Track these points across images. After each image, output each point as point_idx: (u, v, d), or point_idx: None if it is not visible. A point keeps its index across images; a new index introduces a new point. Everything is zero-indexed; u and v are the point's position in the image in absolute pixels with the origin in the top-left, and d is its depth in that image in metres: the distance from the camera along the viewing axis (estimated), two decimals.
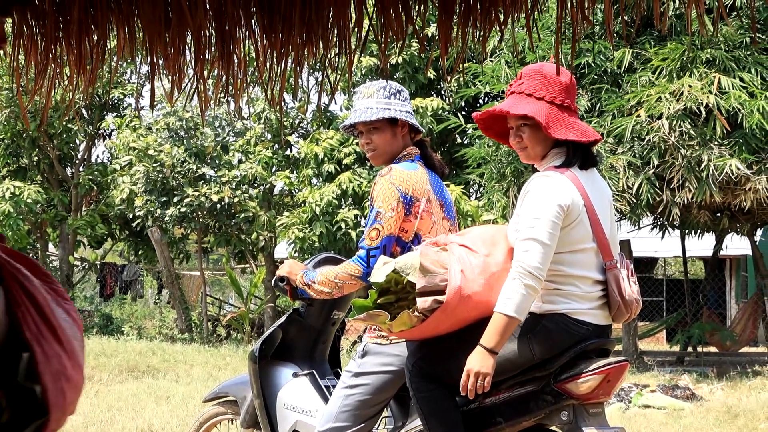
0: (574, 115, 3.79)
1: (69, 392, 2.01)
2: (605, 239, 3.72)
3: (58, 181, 22.04)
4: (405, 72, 17.37)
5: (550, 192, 3.64)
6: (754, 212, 14.17)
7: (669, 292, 24.66)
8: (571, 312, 3.65)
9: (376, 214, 4.04)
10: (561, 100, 3.76)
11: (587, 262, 3.70)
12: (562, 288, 3.66)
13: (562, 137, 3.74)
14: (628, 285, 3.71)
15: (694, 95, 11.70)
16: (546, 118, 3.73)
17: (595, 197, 3.75)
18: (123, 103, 22.10)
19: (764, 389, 11.58)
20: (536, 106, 3.76)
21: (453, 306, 3.57)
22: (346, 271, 4.04)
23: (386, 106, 4.21)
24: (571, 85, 3.81)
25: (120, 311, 23.92)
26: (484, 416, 3.79)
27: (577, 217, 3.67)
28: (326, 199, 16.52)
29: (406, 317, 3.57)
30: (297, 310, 4.63)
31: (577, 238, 3.67)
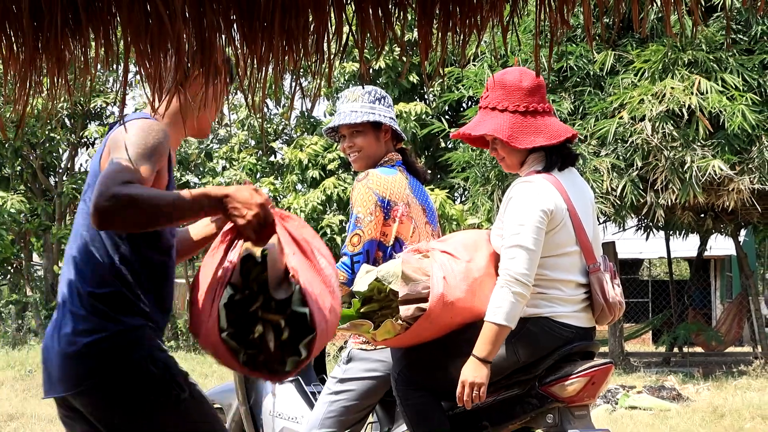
0: (544, 116, 3.77)
1: (329, 317, 2.80)
2: (588, 242, 3.73)
3: (42, 190, 21.96)
4: (388, 77, 17.39)
5: (533, 198, 3.64)
6: (738, 212, 14.23)
7: (654, 293, 24.73)
8: (554, 315, 3.66)
9: (356, 220, 4.05)
10: (525, 106, 3.75)
11: (570, 265, 3.70)
12: (546, 292, 3.67)
13: (529, 146, 3.74)
14: (612, 288, 3.72)
15: (677, 97, 11.74)
16: (509, 131, 3.73)
17: (578, 200, 3.76)
18: (106, 111, 22.04)
19: (750, 389, 11.62)
20: (498, 120, 3.77)
21: (436, 313, 3.57)
22: None
23: (371, 110, 4.23)
24: (536, 87, 3.78)
25: None
26: (470, 420, 3.80)
27: (561, 221, 3.67)
28: (311, 205, 16.53)
29: (389, 326, 3.56)
30: None
31: (561, 242, 3.68)
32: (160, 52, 2.60)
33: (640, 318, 23.88)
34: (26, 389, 11.75)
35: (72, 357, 2.83)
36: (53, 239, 21.56)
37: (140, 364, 2.83)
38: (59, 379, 2.86)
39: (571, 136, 3.78)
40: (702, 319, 18.68)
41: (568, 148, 3.83)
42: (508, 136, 3.74)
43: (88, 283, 2.92)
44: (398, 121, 16.70)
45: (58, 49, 2.69)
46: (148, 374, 2.82)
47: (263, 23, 2.51)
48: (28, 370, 13.51)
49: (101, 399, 2.84)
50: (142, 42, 2.55)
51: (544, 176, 3.70)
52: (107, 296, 2.87)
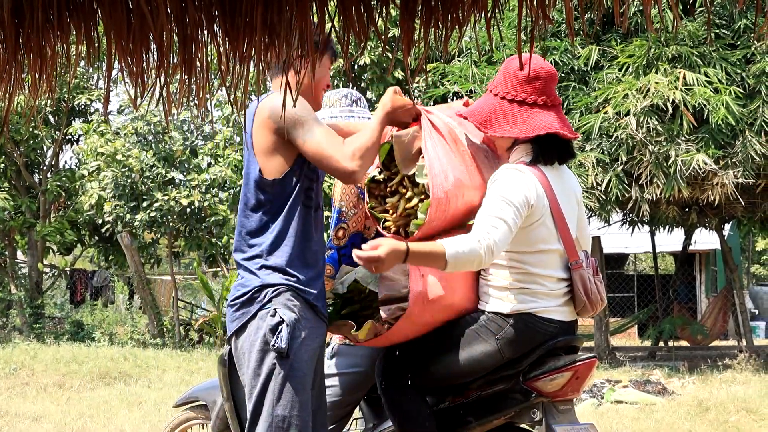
0: (533, 108, 3.73)
1: (451, 188, 3.63)
2: (571, 239, 3.72)
3: (26, 187, 21.87)
4: (374, 73, 17.38)
5: (520, 183, 3.63)
6: (722, 207, 14.28)
7: (640, 288, 24.79)
8: (538, 311, 3.65)
9: (339, 214, 4.06)
10: (513, 95, 3.73)
11: (551, 262, 3.69)
12: (527, 287, 3.66)
13: (500, 134, 3.74)
14: (594, 284, 3.71)
15: (661, 91, 11.77)
16: (486, 116, 3.74)
17: (563, 196, 3.75)
18: (90, 108, 21.96)
19: (735, 382, 11.67)
20: (485, 103, 3.78)
21: (417, 313, 3.56)
22: None
23: (350, 114, 4.28)
24: (534, 78, 3.73)
25: (91, 317, 23.75)
26: (454, 416, 3.80)
27: (540, 217, 3.66)
28: None
29: (371, 326, 3.56)
30: None
31: (540, 238, 3.67)
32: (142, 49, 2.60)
33: (626, 312, 23.94)
34: (10, 387, 11.71)
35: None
36: (37, 237, 21.47)
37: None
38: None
39: (554, 132, 3.71)
40: (687, 313, 18.77)
41: (563, 144, 3.78)
42: (481, 121, 3.75)
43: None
44: None
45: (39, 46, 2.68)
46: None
47: (245, 19, 2.51)
48: (12, 368, 13.45)
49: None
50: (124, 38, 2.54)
51: (531, 169, 3.69)
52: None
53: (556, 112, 3.79)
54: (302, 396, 3.45)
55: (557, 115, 3.77)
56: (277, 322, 3.42)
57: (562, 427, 3.61)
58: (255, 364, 3.46)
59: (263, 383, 3.44)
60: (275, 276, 3.50)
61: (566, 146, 3.80)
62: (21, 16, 2.60)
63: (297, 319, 3.45)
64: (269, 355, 3.42)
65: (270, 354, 3.42)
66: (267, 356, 3.43)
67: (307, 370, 3.48)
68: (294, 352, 3.42)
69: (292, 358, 3.42)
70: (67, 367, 13.62)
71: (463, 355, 3.66)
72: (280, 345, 3.38)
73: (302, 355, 3.44)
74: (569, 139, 3.79)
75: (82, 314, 24.11)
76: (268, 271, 3.50)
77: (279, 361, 3.42)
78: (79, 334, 20.13)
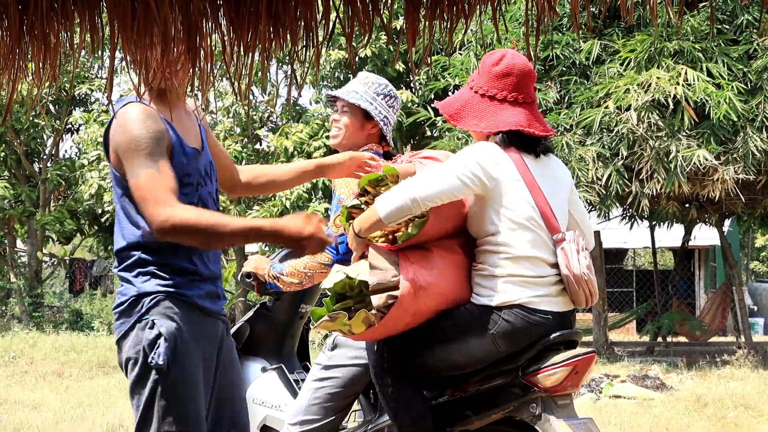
0: (503, 104, 3.75)
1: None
2: (551, 215, 3.68)
3: (26, 176, 21.87)
4: (374, 65, 17.35)
5: (485, 152, 3.67)
6: (722, 203, 14.28)
7: (639, 283, 24.81)
8: (527, 302, 3.62)
9: (339, 201, 4.04)
10: (485, 90, 3.77)
11: (537, 242, 3.67)
12: (515, 273, 3.63)
13: (466, 127, 3.81)
14: (576, 259, 3.67)
15: (662, 87, 11.76)
16: (457, 109, 3.81)
17: (543, 178, 3.72)
18: (90, 97, 21.95)
19: (733, 378, 11.68)
20: (459, 95, 3.86)
21: (409, 300, 3.56)
22: (316, 260, 4.05)
23: (371, 100, 4.25)
24: (507, 73, 3.75)
25: (90, 307, 23.78)
26: (453, 410, 3.79)
27: (515, 195, 3.65)
28: (296, 193, 16.50)
29: (363, 315, 3.55)
30: (264, 304, 4.62)
31: (520, 215, 3.65)
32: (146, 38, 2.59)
33: (625, 307, 23.96)
34: (10, 375, 11.72)
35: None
36: (37, 225, 21.48)
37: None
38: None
39: (519, 130, 3.71)
40: (686, 309, 18.79)
41: (532, 141, 3.77)
42: (451, 114, 3.82)
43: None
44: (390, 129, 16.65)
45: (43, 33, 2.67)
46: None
47: (250, 9, 2.50)
48: (12, 356, 13.47)
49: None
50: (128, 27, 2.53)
51: (508, 151, 3.70)
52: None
53: (528, 109, 3.78)
54: (192, 407, 3.21)
55: (528, 112, 3.77)
56: (155, 336, 3.18)
57: (560, 422, 3.61)
58: (136, 378, 3.21)
59: (147, 400, 3.19)
60: (152, 283, 3.25)
61: (535, 142, 3.79)
62: (25, 4, 2.59)
63: (178, 329, 3.20)
64: (150, 370, 3.18)
65: (151, 370, 3.18)
66: (148, 372, 3.18)
67: (194, 379, 3.23)
68: (177, 365, 3.18)
69: (175, 372, 3.17)
70: (66, 356, 13.63)
71: (459, 348, 3.66)
72: (158, 361, 3.14)
73: (187, 366, 3.20)
74: (537, 137, 3.78)
75: (82, 303, 24.14)
76: (144, 278, 3.26)
77: (161, 376, 3.17)
78: (78, 324, 20.15)
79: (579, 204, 3.97)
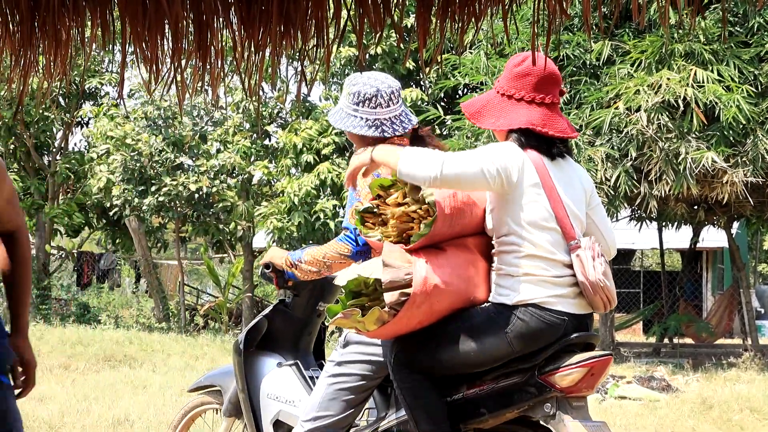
0: (520, 103, 3.78)
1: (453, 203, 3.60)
2: (567, 220, 3.69)
3: (35, 169, 21.91)
4: (384, 63, 17.36)
5: (505, 152, 3.70)
6: (731, 205, 14.25)
7: (646, 284, 24.78)
8: (543, 302, 3.63)
9: (356, 193, 4.04)
10: (505, 90, 3.82)
11: (551, 243, 3.68)
12: (532, 272, 3.64)
13: (483, 126, 3.89)
14: (591, 266, 3.67)
15: (672, 88, 11.74)
16: (478, 108, 3.87)
17: (561, 182, 3.73)
18: (100, 91, 21.98)
19: (739, 381, 11.66)
20: (484, 96, 3.92)
21: (421, 298, 3.57)
22: (336, 250, 4.05)
23: (353, 113, 4.15)
24: (526, 74, 3.78)
25: (97, 300, 23.83)
26: (468, 407, 3.80)
27: (532, 196, 3.66)
28: (305, 190, 16.51)
29: (377, 313, 3.57)
30: (283, 300, 4.63)
31: (537, 215, 3.66)
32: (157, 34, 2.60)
33: (631, 308, 23.93)
34: None
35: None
36: (45, 218, 21.53)
37: None
38: None
39: (529, 128, 3.73)
40: (693, 311, 18.74)
41: (547, 141, 3.78)
42: (472, 113, 3.90)
43: None
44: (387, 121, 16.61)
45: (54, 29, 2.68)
46: None
47: (261, 7, 2.51)
48: None
49: None
50: (138, 23, 2.54)
51: (528, 151, 3.72)
52: None
53: (547, 110, 3.79)
54: None
55: (546, 113, 3.78)
56: None
57: (575, 423, 3.61)
58: None
59: None
60: None
61: (550, 143, 3.79)
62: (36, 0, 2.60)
63: None
64: None
65: None
66: None
67: None
68: None
69: None
70: (73, 349, 13.67)
71: (473, 346, 3.67)
72: None
73: None
74: (551, 137, 3.78)
75: (89, 297, 24.19)
76: None
77: None
78: (85, 317, 20.19)
79: (599, 209, 3.96)
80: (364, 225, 3.78)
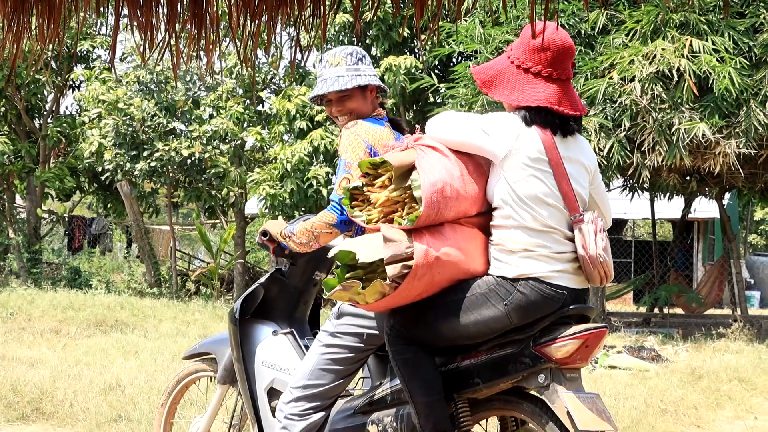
0: (537, 78, 3.75)
1: (444, 190, 3.59)
2: (571, 194, 3.70)
3: (26, 132, 21.81)
4: (379, 29, 17.27)
5: (512, 124, 3.71)
6: (723, 176, 14.27)
7: (637, 254, 24.85)
8: (544, 276, 3.65)
9: (345, 165, 4.05)
10: (521, 62, 3.78)
11: (555, 216, 3.69)
12: (532, 249, 3.65)
13: (497, 98, 3.82)
14: (593, 240, 3.68)
15: (667, 58, 11.71)
16: (492, 77, 3.83)
17: (568, 158, 3.74)
18: (92, 54, 21.84)
19: (728, 351, 11.73)
20: (496, 63, 3.87)
21: (423, 270, 3.57)
22: (322, 219, 4.06)
23: (356, 73, 4.27)
24: (544, 49, 3.73)
25: (88, 265, 23.81)
26: (462, 377, 3.81)
27: (535, 170, 3.66)
28: (297, 156, 16.48)
29: (378, 285, 3.57)
30: (279, 269, 4.63)
31: (538, 189, 3.66)
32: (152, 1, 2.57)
33: (622, 278, 24.02)
34: (7, 332, 11.76)
35: None
36: (36, 182, 21.45)
37: None
38: None
39: (547, 106, 3.72)
40: (683, 281, 18.81)
41: (562, 119, 3.76)
42: (485, 81, 3.84)
43: None
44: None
45: None
46: None
47: None
48: (9, 312, 13.51)
49: None
50: None
51: (535, 127, 3.71)
52: None
53: (562, 86, 3.78)
54: None
55: (561, 90, 3.77)
56: None
57: (569, 394, 3.62)
58: None
59: None
60: None
61: (565, 121, 3.78)
62: None
63: None
64: None
65: None
66: None
67: None
68: None
69: None
70: (64, 313, 13.67)
71: (471, 317, 3.67)
72: None
73: None
74: (567, 116, 3.77)
75: (80, 261, 24.17)
76: None
77: None
78: (77, 281, 20.19)
79: (601, 186, 3.98)
80: (352, 202, 3.78)
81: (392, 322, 3.80)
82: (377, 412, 4.13)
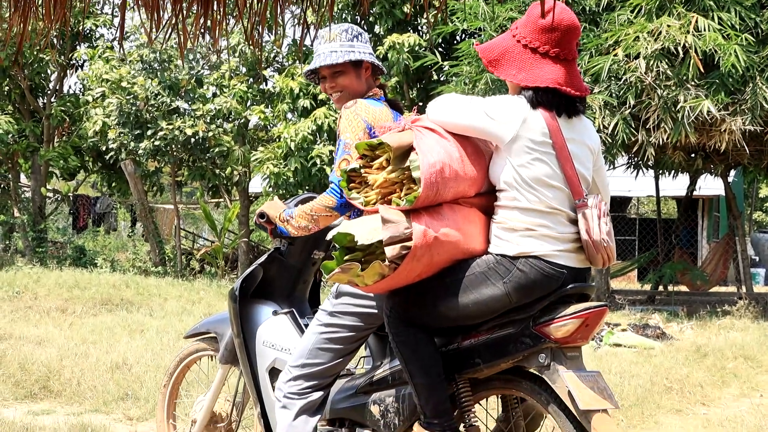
0: (545, 59, 3.72)
1: (444, 170, 3.58)
2: (575, 177, 3.69)
3: (30, 111, 21.79)
4: (382, 7, 17.20)
5: (517, 107, 3.69)
6: (729, 153, 14.24)
7: (642, 232, 24.83)
8: (545, 255, 3.64)
9: (344, 145, 4.04)
10: (528, 41, 3.73)
11: (558, 197, 3.68)
12: (534, 228, 3.64)
13: (503, 77, 3.78)
14: (597, 225, 3.67)
15: (672, 35, 11.66)
16: (497, 55, 3.79)
17: (572, 142, 3.72)
18: (95, 33, 21.80)
19: (733, 329, 11.73)
20: (501, 41, 3.82)
21: (422, 251, 3.56)
22: (321, 203, 4.05)
23: (350, 49, 4.26)
24: (552, 28, 3.69)
25: (93, 243, 23.85)
26: (462, 357, 3.81)
27: (540, 153, 3.65)
28: (301, 135, 16.46)
29: (377, 267, 3.56)
30: (278, 249, 4.63)
31: (542, 172, 3.65)
32: None
33: (627, 256, 24.00)
34: (14, 310, 11.79)
35: None
36: (41, 161, 21.46)
37: None
38: None
39: (555, 87, 3.69)
40: (688, 259, 18.81)
41: (568, 100, 3.74)
42: (490, 59, 3.80)
43: None
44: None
45: None
46: None
47: None
48: (15, 291, 13.54)
49: None
50: None
51: (540, 110, 3.68)
52: None
53: (568, 67, 3.75)
54: None
55: (567, 70, 3.74)
56: None
57: (569, 373, 3.62)
58: None
59: None
60: None
61: (571, 102, 3.77)
62: None
63: None
64: None
65: None
66: None
67: None
68: None
69: None
70: (70, 292, 13.70)
71: (471, 297, 3.67)
72: None
73: None
74: (573, 96, 3.75)
75: (85, 240, 24.20)
76: None
77: None
78: (82, 260, 20.22)
79: (602, 168, 3.96)
80: (349, 184, 3.77)
81: (392, 303, 3.80)
82: (378, 392, 4.14)
